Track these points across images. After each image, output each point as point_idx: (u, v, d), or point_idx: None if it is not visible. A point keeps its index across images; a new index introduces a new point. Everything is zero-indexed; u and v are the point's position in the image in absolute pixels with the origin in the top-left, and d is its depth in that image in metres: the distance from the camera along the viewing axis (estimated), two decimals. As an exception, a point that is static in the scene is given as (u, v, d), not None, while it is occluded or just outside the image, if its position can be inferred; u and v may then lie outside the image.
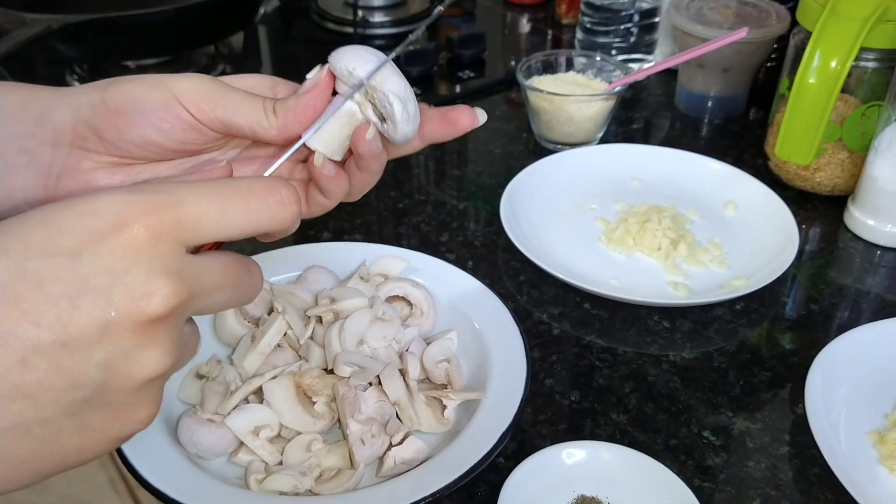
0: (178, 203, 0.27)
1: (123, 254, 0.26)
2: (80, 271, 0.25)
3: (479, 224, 0.72)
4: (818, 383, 0.52)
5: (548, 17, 1.13)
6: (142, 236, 0.26)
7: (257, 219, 0.30)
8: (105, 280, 0.26)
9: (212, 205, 0.28)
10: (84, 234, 0.26)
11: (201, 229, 0.28)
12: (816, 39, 0.64)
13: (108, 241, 0.26)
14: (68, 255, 0.26)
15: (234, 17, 0.92)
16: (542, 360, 0.58)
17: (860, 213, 0.70)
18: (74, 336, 0.25)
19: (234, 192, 0.29)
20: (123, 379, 0.27)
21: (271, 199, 0.30)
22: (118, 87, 0.37)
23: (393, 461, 0.47)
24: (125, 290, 0.26)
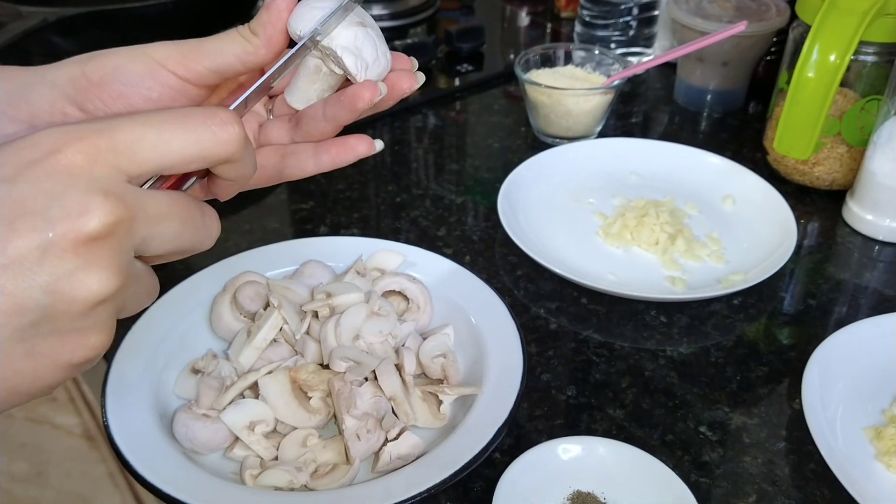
0: (112, 128, 0.28)
1: (59, 177, 0.26)
2: (15, 196, 0.26)
3: (476, 218, 0.72)
4: (815, 379, 0.52)
5: (547, 10, 1.12)
6: (77, 160, 0.27)
7: (197, 141, 0.29)
8: (41, 202, 0.26)
9: (148, 129, 0.28)
10: (21, 162, 0.26)
11: (140, 155, 0.28)
12: (815, 33, 0.64)
13: (43, 166, 0.26)
14: (6, 181, 0.26)
15: (232, 9, 0.91)
16: (538, 355, 0.57)
17: (859, 207, 0.70)
18: (14, 258, 0.25)
19: (172, 117, 0.29)
20: (69, 302, 0.27)
21: (210, 120, 0.30)
22: (99, 59, 0.36)
23: (389, 456, 0.47)
24: (62, 209, 0.26)
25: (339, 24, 0.36)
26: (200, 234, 0.31)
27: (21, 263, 0.26)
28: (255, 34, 0.36)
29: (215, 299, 0.56)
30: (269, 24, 0.36)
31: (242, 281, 0.56)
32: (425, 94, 0.89)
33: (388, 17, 1.05)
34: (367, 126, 0.85)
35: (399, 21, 1.05)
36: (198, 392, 0.50)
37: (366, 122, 0.85)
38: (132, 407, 0.48)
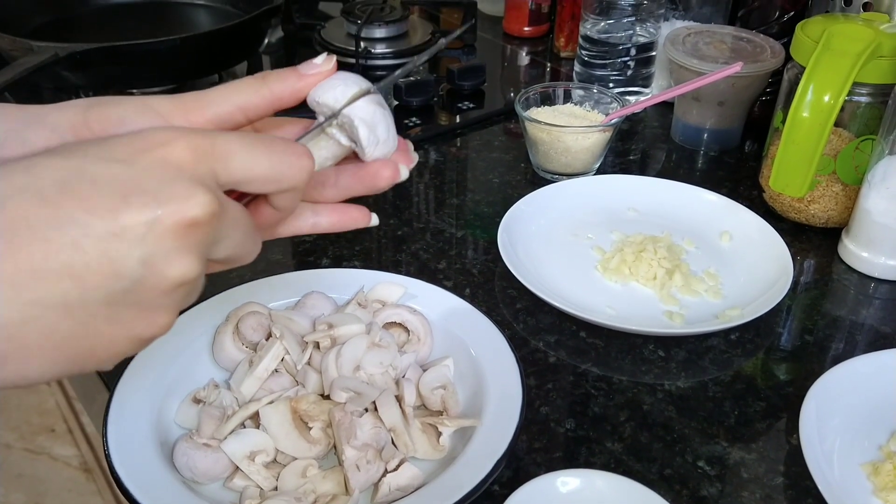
0: (213, 137, 0.30)
1: (168, 166, 0.29)
2: (132, 175, 0.28)
3: (476, 252, 0.73)
4: (812, 414, 0.52)
5: (546, 49, 1.15)
6: (185, 155, 0.29)
7: (279, 164, 0.32)
8: (153, 184, 0.28)
9: (242, 145, 0.31)
10: (135, 149, 0.29)
11: (232, 165, 0.31)
12: (810, 74, 0.65)
13: (155, 155, 0.29)
14: (122, 162, 0.28)
15: (239, 47, 0.93)
16: (537, 388, 0.58)
17: (854, 245, 0.70)
18: (123, 227, 0.28)
19: (260, 141, 0.32)
20: (158, 278, 0.29)
21: (290, 149, 0.33)
22: (102, 109, 0.36)
23: (388, 487, 0.47)
24: (171, 193, 0.28)
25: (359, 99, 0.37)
26: (252, 246, 0.34)
27: (128, 234, 0.28)
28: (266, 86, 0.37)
29: (218, 329, 0.57)
30: (290, 85, 0.37)
31: (245, 311, 0.57)
32: (427, 131, 0.91)
33: (392, 56, 1.07)
34: (369, 161, 0.86)
35: (402, 59, 1.08)
36: (199, 421, 0.50)
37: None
38: (133, 435, 0.48)
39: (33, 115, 0.37)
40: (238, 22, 0.88)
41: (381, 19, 1.09)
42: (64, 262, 0.27)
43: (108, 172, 0.28)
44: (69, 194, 0.27)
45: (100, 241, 0.27)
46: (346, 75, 0.37)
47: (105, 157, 0.28)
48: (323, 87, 0.37)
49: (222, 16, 1.04)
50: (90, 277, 0.27)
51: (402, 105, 0.95)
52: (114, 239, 0.27)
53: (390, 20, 1.09)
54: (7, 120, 0.37)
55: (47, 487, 1.34)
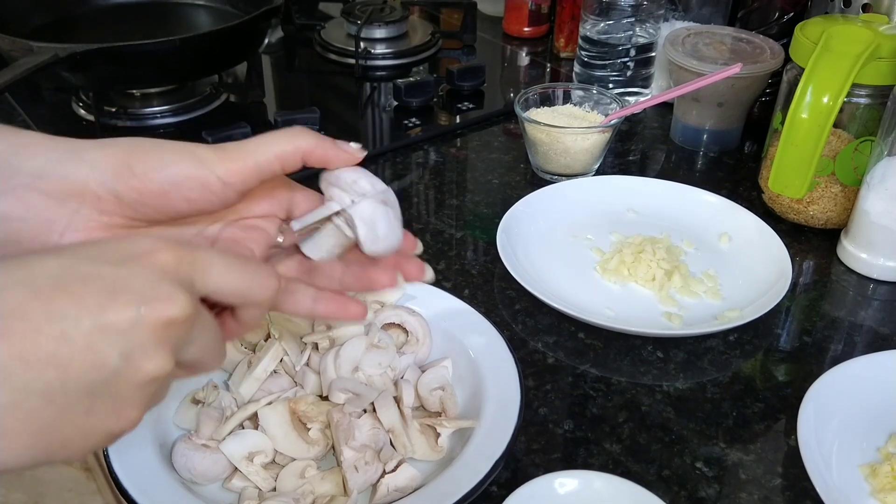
0: (194, 249, 0.33)
1: (154, 269, 0.31)
2: (119, 275, 0.30)
3: (476, 253, 0.73)
4: (811, 415, 0.52)
5: (546, 50, 1.15)
6: (169, 260, 0.32)
7: (250, 282, 0.35)
8: (139, 284, 0.30)
9: (219, 260, 0.34)
10: (122, 254, 0.31)
11: (209, 276, 0.33)
12: (809, 75, 0.65)
13: (142, 260, 0.31)
14: (111, 264, 0.31)
15: (239, 47, 0.93)
16: (536, 389, 0.58)
17: (853, 246, 0.70)
18: (109, 322, 0.29)
19: (236, 259, 0.35)
20: (135, 371, 0.30)
21: (261, 271, 0.35)
22: (144, 151, 0.38)
23: (386, 488, 0.47)
24: (155, 293, 0.30)
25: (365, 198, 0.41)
26: (218, 353, 0.36)
27: (113, 329, 0.29)
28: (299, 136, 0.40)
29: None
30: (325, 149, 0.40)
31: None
32: (426, 131, 0.91)
33: (392, 56, 1.07)
34: (370, 161, 0.86)
35: (402, 60, 1.08)
36: (198, 422, 0.50)
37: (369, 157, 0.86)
38: (132, 436, 0.48)
39: (71, 151, 0.38)
40: (238, 22, 0.88)
41: (380, 20, 1.09)
42: (51, 352, 0.28)
43: (97, 272, 0.30)
44: (61, 290, 0.29)
45: (86, 334, 0.29)
46: (360, 172, 0.41)
47: (95, 259, 0.31)
48: (336, 176, 0.40)
49: (222, 16, 1.04)
50: (73, 367, 0.29)
51: (401, 105, 0.95)
52: (99, 333, 0.29)
53: (390, 21, 1.09)
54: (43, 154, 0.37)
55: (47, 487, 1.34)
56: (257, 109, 0.97)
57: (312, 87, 1.07)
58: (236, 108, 0.97)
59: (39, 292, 0.29)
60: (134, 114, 0.92)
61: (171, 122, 0.92)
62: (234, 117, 0.85)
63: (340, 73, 1.06)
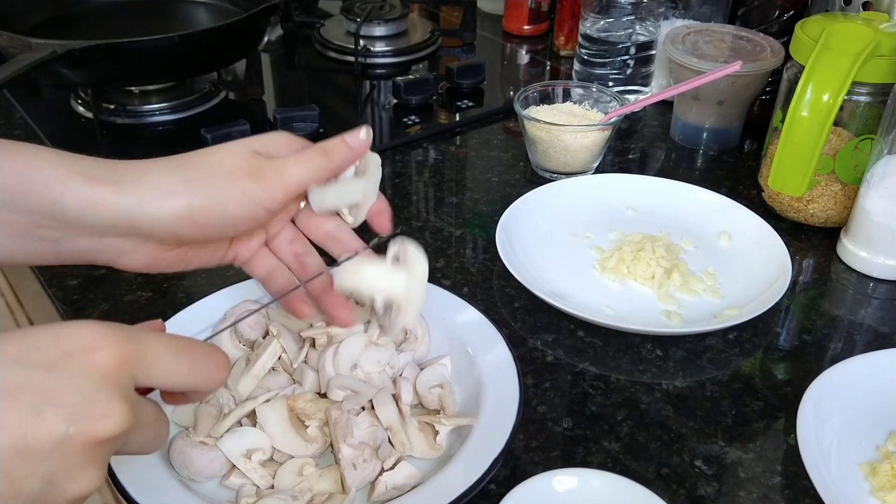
0: (142, 342, 0.31)
1: (91, 375, 0.29)
2: (49, 385, 0.28)
3: (475, 251, 0.73)
4: (810, 414, 0.52)
5: (546, 48, 1.15)
6: (109, 362, 0.29)
7: (198, 375, 0.34)
8: (71, 397, 0.28)
9: (167, 352, 0.33)
10: (58, 352, 0.29)
11: (154, 372, 0.32)
12: (809, 73, 0.65)
13: (79, 361, 0.29)
14: (41, 369, 0.28)
15: (238, 44, 0.93)
16: (535, 387, 0.58)
17: (853, 244, 0.70)
18: (31, 446, 0.27)
19: (185, 349, 0.34)
20: (58, 494, 0.29)
21: (211, 361, 0.35)
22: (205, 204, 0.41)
23: (384, 486, 0.47)
24: (87, 409, 0.28)
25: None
26: (159, 444, 0.35)
27: (34, 451, 0.27)
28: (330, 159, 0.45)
29: (215, 327, 0.56)
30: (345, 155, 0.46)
31: (243, 309, 0.57)
32: (426, 129, 0.91)
33: (391, 54, 1.07)
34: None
35: (402, 58, 1.07)
36: (196, 419, 0.50)
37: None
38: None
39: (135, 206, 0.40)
40: (237, 20, 0.88)
41: (380, 17, 1.09)
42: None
43: (26, 381, 0.28)
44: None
45: (4, 459, 0.27)
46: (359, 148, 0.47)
47: (28, 363, 0.28)
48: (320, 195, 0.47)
49: (221, 13, 1.03)
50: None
51: (401, 103, 0.95)
52: (19, 458, 0.27)
53: (390, 18, 1.09)
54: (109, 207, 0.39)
55: (46, 485, 1.33)
56: (256, 107, 0.97)
57: (312, 85, 1.07)
58: (235, 105, 0.97)
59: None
60: (133, 111, 0.92)
61: (169, 119, 0.92)
62: (234, 115, 0.85)
63: (340, 71, 1.06)
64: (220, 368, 0.35)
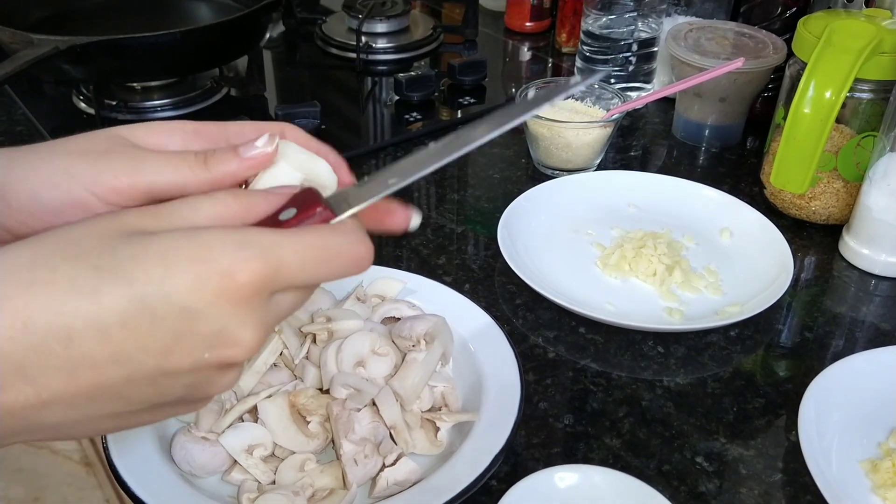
0: (279, 260, 0.31)
1: (225, 304, 0.30)
2: (187, 315, 0.29)
3: (476, 248, 0.73)
4: (811, 411, 0.52)
5: (548, 45, 1.14)
6: (244, 291, 0.30)
7: (339, 274, 0.33)
8: (207, 327, 0.30)
9: (308, 264, 0.32)
10: (195, 279, 0.29)
11: (293, 282, 0.32)
12: (811, 70, 0.65)
13: (215, 289, 0.29)
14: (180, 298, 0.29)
15: (240, 41, 0.93)
16: (536, 384, 0.58)
17: (855, 242, 0.70)
18: (173, 366, 0.30)
19: (328, 255, 0.32)
20: (201, 395, 0.32)
21: (355, 258, 0.33)
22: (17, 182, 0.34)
23: (385, 482, 0.47)
24: (220, 340, 0.30)
25: None
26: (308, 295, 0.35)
27: (176, 370, 0.30)
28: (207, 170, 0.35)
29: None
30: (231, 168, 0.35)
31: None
32: (427, 126, 0.91)
33: (393, 51, 1.07)
34: (370, 157, 0.86)
35: (403, 54, 1.07)
36: (197, 415, 0.50)
37: (368, 152, 0.86)
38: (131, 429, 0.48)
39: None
40: (239, 16, 0.88)
41: (382, 14, 1.08)
42: (117, 390, 0.30)
43: (164, 309, 0.29)
44: (128, 330, 0.29)
45: (150, 376, 0.30)
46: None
47: (164, 290, 0.29)
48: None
49: (223, 10, 1.03)
50: (137, 399, 0.31)
51: (402, 100, 0.95)
52: (162, 375, 0.30)
53: (392, 15, 1.09)
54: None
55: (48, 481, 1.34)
56: (258, 103, 0.97)
57: (313, 82, 1.07)
58: (237, 101, 0.97)
59: (108, 336, 0.29)
60: (134, 107, 0.91)
61: (171, 115, 0.92)
62: (235, 111, 0.85)
63: (341, 68, 1.06)
64: (362, 263, 0.33)
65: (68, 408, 0.29)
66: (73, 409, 0.30)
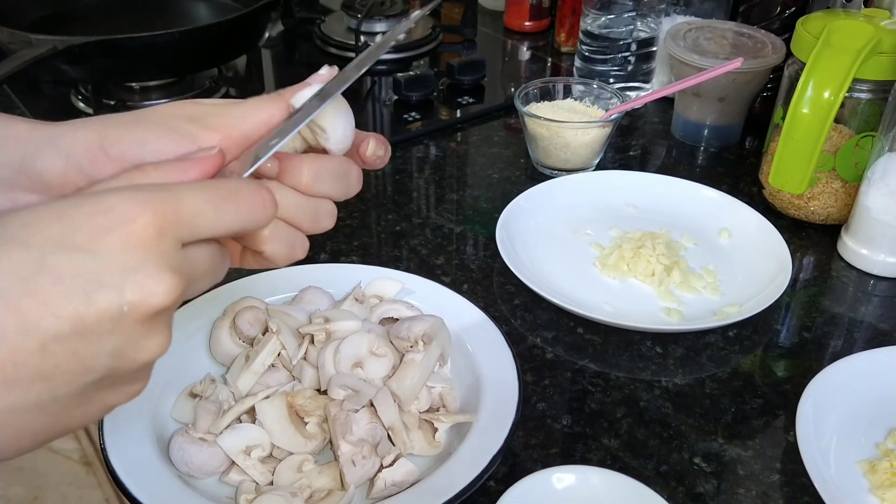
0: (178, 201, 0.30)
1: (133, 250, 0.28)
2: (94, 268, 0.28)
3: (475, 248, 0.73)
4: (809, 411, 0.52)
5: (547, 45, 1.14)
6: (148, 233, 0.28)
7: (245, 217, 0.32)
8: (117, 277, 0.28)
9: (208, 205, 0.31)
10: (96, 230, 0.28)
11: (197, 227, 0.30)
12: (810, 70, 0.65)
13: (118, 236, 0.28)
14: (84, 251, 0.28)
15: (238, 40, 0.93)
16: (534, 384, 0.58)
17: (853, 242, 0.70)
18: (90, 327, 0.28)
19: (227, 194, 0.31)
20: (130, 363, 0.30)
21: (256, 200, 0.32)
22: (118, 133, 0.36)
23: (383, 483, 0.47)
24: (135, 286, 0.28)
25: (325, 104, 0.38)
26: (220, 277, 0.35)
27: (95, 332, 0.28)
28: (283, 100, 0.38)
29: (215, 324, 0.57)
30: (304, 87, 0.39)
31: (242, 306, 0.57)
32: (427, 126, 0.91)
33: (392, 50, 1.07)
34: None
35: (402, 53, 1.07)
36: (195, 416, 0.50)
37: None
38: (129, 430, 0.48)
39: (46, 138, 0.36)
40: (237, 15, 0.87)
41: (381, 13, 1.08)
42: (35, 367, 0.27)
43: (69, 264, 0.27)
44: (32, 296, 0.27)
45: (67, 342, 0.27)
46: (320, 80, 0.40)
47: (66, 246, 0.28)
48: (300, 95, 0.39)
49: (222, 9, 1.03)
50: (60, 377, 0.28)
51: (401, 100, 0.94)
52: (80, 339, 0.28)
53: (390, 14, 1.09)
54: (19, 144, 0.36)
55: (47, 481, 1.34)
56: (257, 103, 0.96)
57: (312, 81, 1.07)
58: (236, 101, 0.97)
59: (10, 304, 0.27)
60: (133, 107, 0.91)
61: (170, 115, 0.92)
62: (234, 111, 0.85)
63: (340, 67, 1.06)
64: (267, 205, 0.33)
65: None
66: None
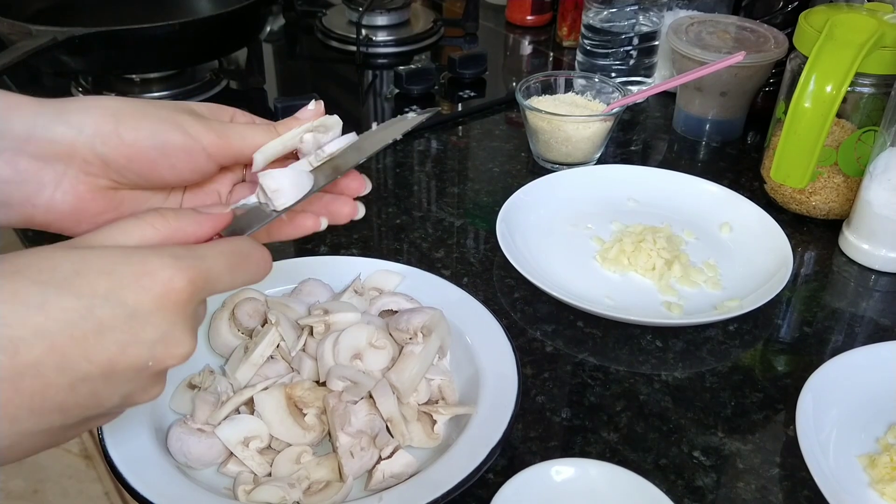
0: (207, 269, 0.34)
1: (166, 312, 0.32)
2: (133, 324, 0.31)
3: (475, 241, 0.72)
4: (809, 406, 0.52)
5: (549, 39, 1.14)
6: (182, 297, 0.33)
7: (251, 278, 0.38)
8: (152, 334, 0.32)
9: (226, 270, 0.36)
10: (140, 290, 0.32)
11: (216, 289, 0.35)
12: (812, 64, 0.65)
13: (158, 298, 0.32)
14: (126, 307, 0.31)
15: (239, 33, 0.93)
16: (534, 377, 0.58)
17: (855, 237, 0.70)
18: (116, 374, 0.32)
19: (241, 260, 0.37)
20: (131, 404, 0.34)
21: (262, 263, 0.38)
22: (134, 120, 0.39)
23: (382, 475, 0.47)
24: (164, 346, 0.33)
25: None
26: None
27: (118, 378, 0.32)
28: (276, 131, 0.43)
29: (214, 315, 0.56)
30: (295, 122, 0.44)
31: (241, 297, 0.56)
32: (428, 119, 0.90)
33: (393, 44, 1.07)
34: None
35: (404, 47, 1.07)
36: (193, 407, 0.50)
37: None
38: (128, 421, 0.48)
39: (55, 113, 0.38)
40: (238, 8, 0.87)
41: (382, 7, 1.08)
42: (59, 401, 0.30)
43: (112, 318, 0.31)
44: (75, 341, 0.30)
45: (92, 383, 0.31)
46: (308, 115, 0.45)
47: (111, 300, 0.31)
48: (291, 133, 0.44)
49: (223, 1, 1.03)
50: (75, 410, 0.31)
51: (402, 93, 0.94)
52: (104, 382, 0.31)
53: (392, 8, 1.09)
54: (27, 114, 0.38)
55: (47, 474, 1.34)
56: (258, 96, 0.96)
57: (313, 74, 1.07)
58: (236, 94, 0.97)
59: (55, 347, 0.30)
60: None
61: (170, 107, 0.91)
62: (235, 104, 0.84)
63: (341, 61, 1.06)
64: (268, 266, 0.39)
65: (10, 423, 0.30)
66: (13, 424, 0.30)
